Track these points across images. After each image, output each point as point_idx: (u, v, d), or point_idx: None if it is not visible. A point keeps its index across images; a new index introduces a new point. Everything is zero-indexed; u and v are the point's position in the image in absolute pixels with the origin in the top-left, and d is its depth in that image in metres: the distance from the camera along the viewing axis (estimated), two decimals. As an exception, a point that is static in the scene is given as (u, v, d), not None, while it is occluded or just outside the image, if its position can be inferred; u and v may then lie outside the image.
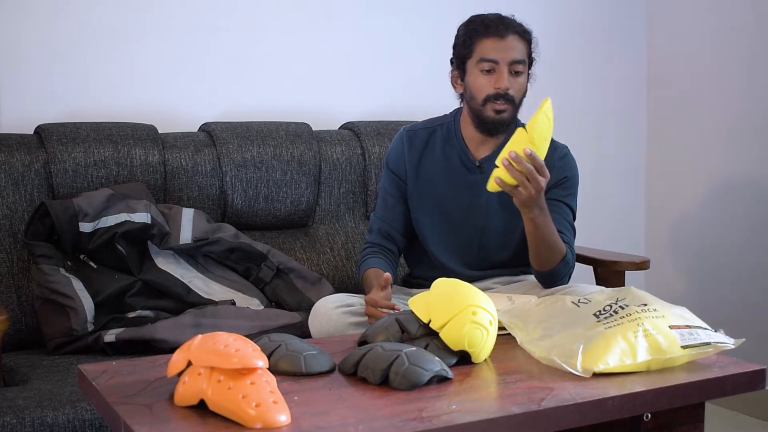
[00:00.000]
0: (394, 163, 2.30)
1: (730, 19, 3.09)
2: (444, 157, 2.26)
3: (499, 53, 2.14)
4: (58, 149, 2.36)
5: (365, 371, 1.46)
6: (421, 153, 2.27)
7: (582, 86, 3.33)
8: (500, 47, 2.14)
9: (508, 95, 2.15)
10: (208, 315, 2.22)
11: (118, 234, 2.27)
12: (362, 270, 2.23)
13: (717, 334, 1.56)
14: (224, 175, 2.54)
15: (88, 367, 1.54)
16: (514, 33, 2.16)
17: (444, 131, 2.28)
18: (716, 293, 3.16)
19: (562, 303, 1.69)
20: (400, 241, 2.30)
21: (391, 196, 2.30)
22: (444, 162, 2.26)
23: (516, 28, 2.18)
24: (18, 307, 2.25)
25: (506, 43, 2.15)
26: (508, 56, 2.14)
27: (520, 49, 2.17)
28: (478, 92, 2.17)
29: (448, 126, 2.29)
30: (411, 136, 2.30)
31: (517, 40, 2.16)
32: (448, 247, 2.26)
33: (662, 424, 1.52)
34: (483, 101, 2.16)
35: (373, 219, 2.33)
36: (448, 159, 2.26)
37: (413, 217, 2.28)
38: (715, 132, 3.16)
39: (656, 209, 3.43)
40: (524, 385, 1.45)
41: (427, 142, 2.28)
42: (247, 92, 2.81)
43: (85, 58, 2.58)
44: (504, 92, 2.14)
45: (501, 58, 2.14)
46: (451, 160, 2.25)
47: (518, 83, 2.17)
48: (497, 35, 2.15)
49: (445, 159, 2.26)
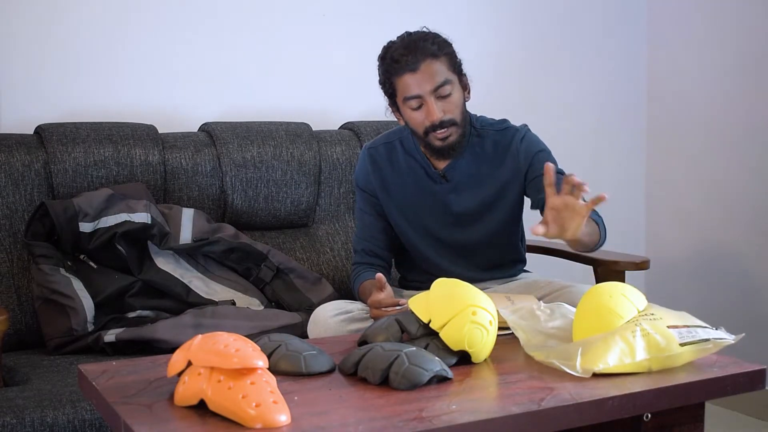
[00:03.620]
0: (363, 182, 2.28)
1: (731, 18, 3.09)
2: (408, 169, 2.23)
3: (418, 87, 2.06)
4: (58, 149, 2.36)
5: (365, 371, 1.46)
6: (384, 168, 2.25)
7: (582, 87, 3.33)
8: (417, 81, 2.05)
9: (444, 122, 2.09)
10: (208, 315, 2.22)
11: (118, 234, 2.28)
12: (356, 286, 2.21)
13: (716, 332, 1.56)
14: (224, 175, 2.54)
15: (88, 367, 1.54)
16: (426, 58, 2.05)
17: (404, 144, 2.25)
18: (716, 293, 3.16)
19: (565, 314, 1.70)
20: (387, 257, 2.28)
21: (368, 214, 2.27)
22: (410, 174, 2.23)
23: (426, 51, 2.05)
24: (18, 307, 2.25)
25: (421, 75, 2.05)
26: (429, 86, 2.05)
27: (440, 71, 2.06)
28: (416, 126, 2.13)
29: (407, 139, 2.24)
30: (372, 153, 2.27)
31: (431, 64, 2.05)
32: (440, 251, 2.25)
33: (662, 424, 1.52)
34: (424, 134, 2.12)
35: (355, 241, 2.31)
36: (412, 171, 2.23)
37: (399, 231, 2.27)
38: (715, 132, 3.16)
39: (656, 209, 3.43)
40: (524, 385, 1.45)
41: (389, 157, 2.25)
42: (247, 92, 2.81)
43: (85, 58, 2.59)
44: (439, 122, 2.08)
45: (423, 91, 2.06)
46: (416, 173, 2.23)
47: (451, 103, 2.09)
48: (409, 69, 2.05)
49: (409, 171, 2.23)
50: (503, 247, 2.28)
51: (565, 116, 3.29)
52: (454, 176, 2.21)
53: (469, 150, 2.20)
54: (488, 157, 2.21)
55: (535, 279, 2.28)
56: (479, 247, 2.25)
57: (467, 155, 2.20)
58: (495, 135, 2.22)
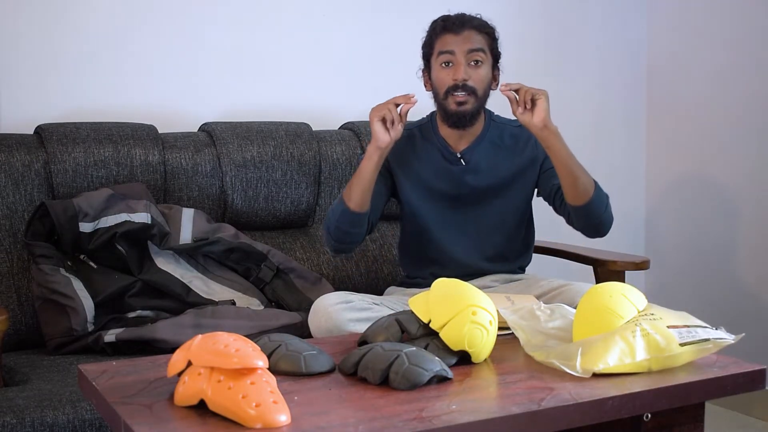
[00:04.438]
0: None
1: (731, 18, 3.09)
2: (426, 153, 2.31)
3: (454, 44, 2.20)
4: (58, 149, 2.36)
5: (365, 371, 1.46)
6: (402, 151, 2.30)
7: (582, 85, 3.33)
8: (456, 40, 2.20)
9: (467, 86, 2.20)
10: (208, 315, 2.22)
11: (118, 234, 2.28)
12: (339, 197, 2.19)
13: (716, 332, 1.56)
14: (224, 175, 2.54)
15: (88, 367, 1.54)
16: (471, 27, 2.22)
17: (422, 132, 2.34)
18: (716, 293, 3.16)
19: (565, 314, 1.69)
20: (372, 218, 2.24)
21: None
22: (426, 158, 2.30)
23: (473, 23, 2.23)
24: (18, 307, 2.25)
25: (461, 37, 2.21)
26: (464, 46, 2.19)
27: (478, 40, 2.21)
28: (439, 86, 2.23)
29: (426, 126, 2.35)
30: None
31: (474, 33, 2.22)
32: (450, 233, 2.29)
33: (662, 424, 1.52)
34: (444, 94, 2.22)
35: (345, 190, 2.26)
36: (429, 155, 2.31)
37: (410, 210, 2.30)
38: (715, 132, 3.16)
39: (656, 209, 3.43)
40: (524, 385, 1.45)
41: (408, 141, 2.31)
42: (247, 92, 2.81)
43: (84, 58, 2.59)
44: (462, 83, 2.19)
45: (457, 49, 2.19)
46: (432, 156, 2.30)
47: (478, 74, 2.21)
48: (453, 30, 2.21)
49: (427, 155, 2.31)
50: (511, 236, 2.32)
51: (565, 116, 3.27)
52: (471, 159, 2.28)
53: (488, 138, 2.30)
54: (506, 147, 2.31)
55: (535, 278, 2.28)
56: (489, 230, 2.30)
57: (485, 143, 2.30)
58: (514, 129, 2.34)
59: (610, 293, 1.61)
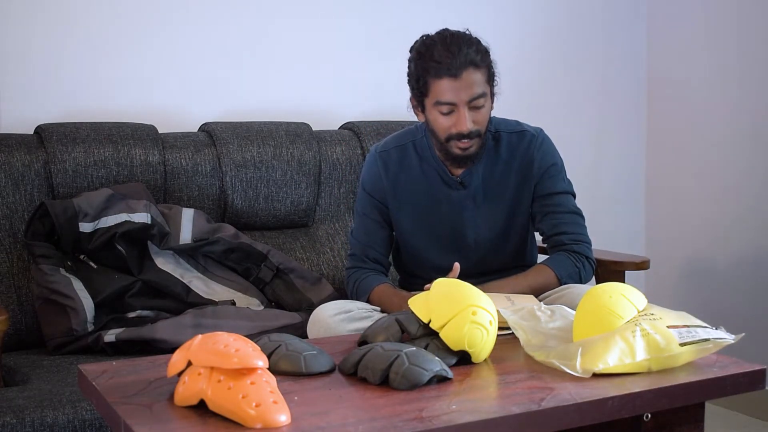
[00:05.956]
0: (372, 186, 2.22)
1: (731, 18, 3.09)
2: (423, 175, 2.18)
3: (455, 95, 2.00)
4: (58, 149, 2.36)
5: (365, 371, 1.46)
6: (397, 173, 2.20)
7: (582, 87, 3.33)
8: (456, 88, 1.99)
9: (471, 133, 2.04)
10: (208, 315, 2.22)
11: (118, 234, 2.28)
12: (368, 288, 2.15)
13: (716, 331, 1.56)
14: (224, 175, 2.54)
15: (88, 367, 1.54)
16: (468, 66, 1.98)
17: (417, 148, 2.20)
18: (716, 293, 3.16)
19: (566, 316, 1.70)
20: (387, 264, 2.25)
21: (372, 220, 2.23)
22: (423, 180, 2.18)
23: (469, 59, 1.99)
24: (18, 307, 2.25)
25: (461, 82, 1.98)
26: (466, 96, 2.00)
27: (479, 82, 2.01)
28: (439, 131, 2.07)
29: (420, 143, 2.20)
30: (384, 157, 2.22)
31: (472, 73, 1.99)
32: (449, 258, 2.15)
33: (662, 424, 1.52)
34: (446, 139, 2.07)
35: (353, 243, 2.26)
36: (427, 177, 2.18)
37: (407, 236, 2.23)
38: (715, 132, 3.16)
39: (656, 209, 3.43)
40: (524, 385, 1.45)
41: (402, 161, 2.20)
42: (247, 92, 2.81)
43: (85, 58, 2.59)
44: (467, 132, 2.04)
45: (459, 100, 2.00)
46: (430, 179, 2.18)
47: (481, 115, 2.05)
48: (450, 75, 1.98)
49: (424, 177, 2.18)
50: (509, 252, 2.24)
51: (565, 116, 3.29)
52: (471, 183, 2.17)
53: (486, 155, 2.16)
54: (503, 162, 2.17)
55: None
56: (490, 255, 2.21)
57: (483, 160, 2.16)
58: (509, 137, 2.19)
59: (610, 293, 1.61)
